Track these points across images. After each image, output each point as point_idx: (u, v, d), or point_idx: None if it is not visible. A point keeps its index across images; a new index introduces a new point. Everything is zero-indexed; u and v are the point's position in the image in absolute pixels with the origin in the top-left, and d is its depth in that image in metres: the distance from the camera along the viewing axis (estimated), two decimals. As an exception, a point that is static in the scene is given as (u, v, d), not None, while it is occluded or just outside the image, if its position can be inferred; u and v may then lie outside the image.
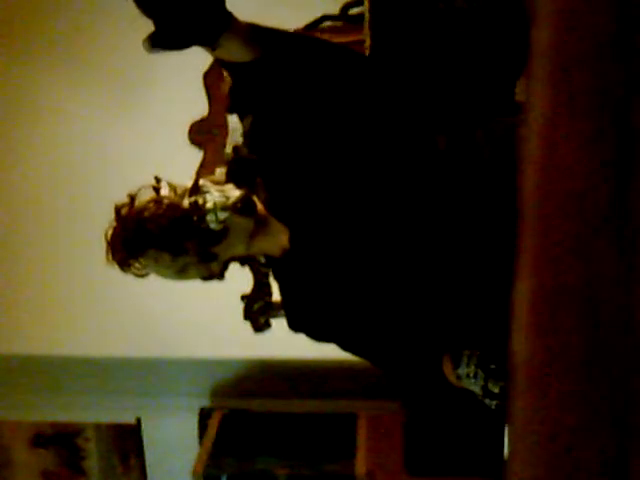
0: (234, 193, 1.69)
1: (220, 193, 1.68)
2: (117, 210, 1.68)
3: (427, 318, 1.69)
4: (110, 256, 1.67)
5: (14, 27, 3.46)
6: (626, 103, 0.80)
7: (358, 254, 1.68)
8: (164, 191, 1.68)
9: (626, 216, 0.82)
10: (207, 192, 1.68)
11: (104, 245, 1.69)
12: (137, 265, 1.67)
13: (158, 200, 1.66)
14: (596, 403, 0.88)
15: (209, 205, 1.65)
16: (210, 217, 1.65)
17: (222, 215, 1.65)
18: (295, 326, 1.83)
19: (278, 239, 1.75)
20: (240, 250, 1.73)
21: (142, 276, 1.71)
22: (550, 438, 0.96)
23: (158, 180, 1.70)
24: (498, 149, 1.63)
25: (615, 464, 0.88)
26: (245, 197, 1.68)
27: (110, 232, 1.68)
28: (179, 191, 1.70)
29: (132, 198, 1.69)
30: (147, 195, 1.69)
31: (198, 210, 1.65)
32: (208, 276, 1.74)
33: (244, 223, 1.68)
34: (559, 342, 0.91)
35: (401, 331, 1.73)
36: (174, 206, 1.65)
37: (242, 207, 1.67)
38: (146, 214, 1.64)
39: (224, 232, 1.66)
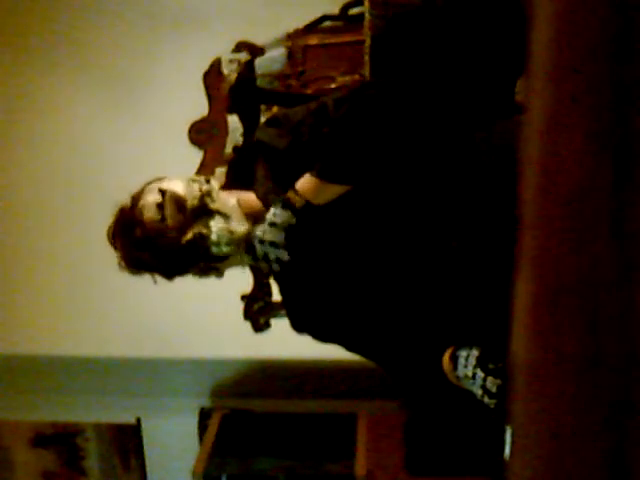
0: (239, 228, 1.69)
1: (224, 222, 1.69)
2: (122, 215, 1.69)
3: (428, 318, 1.69)
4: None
5: (14, 27, 3.46)
6: (626, 103, 0.80)
7: (358, 255, 1.68)
8: (168, 210, 1.67)
9: (626, 216, 0.82)
10: (211, 219, 1.68)
11: (104, 245, 1.69)
12: None
13: (162, 225, 1.65)
14: (596, 403, 0.88)
15: (213, 238, 1.67)
16: (214, 249, 1.68)
17: (225, 249, 1.68)
18: (298, 327, 1.84)
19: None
20: (242, 264, 1.76)
21: None
22: (550, 438, 0.96)
23: (163, 193, 1.69)
24: (498, 150, 1.63)
25: (615, 464, 0.88)
26: (248, 238, 1.67)
27: (113, 236, 1.69)
28: (187, 197, 1.69)
29: (135, 200, 1.70)
30: (151, 196, 1.68)
31: (202, 242, 1.66)
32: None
33: (245, 257, 1.71)
34: (559, 342, 0.91)
35: (402, 330, 1.73)
36: (177, 238, 1.65)
37: (246, 248, 1.68)
38: (157, 242, 1.64)
39: (226, 257, 1.69)
